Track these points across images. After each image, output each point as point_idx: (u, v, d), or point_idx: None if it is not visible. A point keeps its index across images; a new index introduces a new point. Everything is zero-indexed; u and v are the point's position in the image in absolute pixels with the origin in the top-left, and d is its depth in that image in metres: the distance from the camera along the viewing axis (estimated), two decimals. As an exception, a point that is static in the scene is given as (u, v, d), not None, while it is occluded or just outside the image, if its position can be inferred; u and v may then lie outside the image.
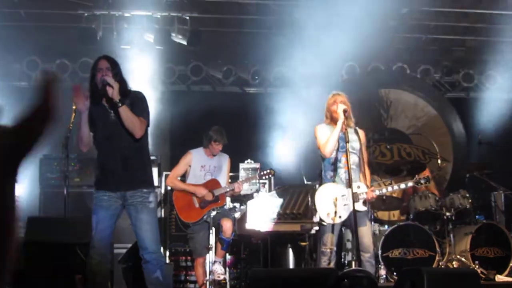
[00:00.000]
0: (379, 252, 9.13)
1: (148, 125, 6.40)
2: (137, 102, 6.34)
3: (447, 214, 9.52)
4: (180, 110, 12.04)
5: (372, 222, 9.67)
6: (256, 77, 12.53)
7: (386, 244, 9.23)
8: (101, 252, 6.24)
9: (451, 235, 9.47)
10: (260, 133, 11.68)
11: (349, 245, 9.29)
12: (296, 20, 10.88)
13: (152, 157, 10.36)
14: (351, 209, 7.25)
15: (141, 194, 6.30)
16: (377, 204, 9.87)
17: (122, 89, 6.17)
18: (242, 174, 10.31)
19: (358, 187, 7.38)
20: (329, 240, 7.39)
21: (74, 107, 8.61)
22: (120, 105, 6.09)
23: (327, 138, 7.48)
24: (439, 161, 10.74)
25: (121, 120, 6.15)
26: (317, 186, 7.99)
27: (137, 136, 6.25)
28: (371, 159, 10.39)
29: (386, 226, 9.83)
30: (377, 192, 7.69)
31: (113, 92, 6.07)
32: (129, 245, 7.96)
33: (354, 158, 7.38)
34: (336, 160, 7.52)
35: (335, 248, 7.47)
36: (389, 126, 12.62)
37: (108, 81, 6.08)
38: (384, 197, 9.81)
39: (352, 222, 7.27)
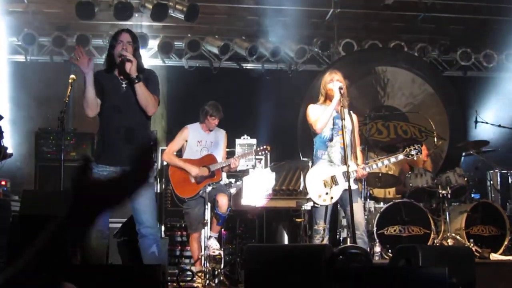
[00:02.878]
0: (375, 229, 9.12)
1: (158, 104, 6.42)
2: (151, 79, 6.33)
3: (443, 192, 9.52)
4: (176, 85, 12.00)
5: (368, 200, 9.67)
6: (253, 53, 12.46)
7: (382, 222, 9.21)
8: (99, 228, 6.22)
9: (447, 213, 9.46)
10: (257, 108, 11.63)
11: (344, 222, 9.29)
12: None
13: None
14: (343, 188, 7.22)
15: None
16: (373, 181, 9.85)
17: (138, 65, 6.14)
18: (238, 150, 10.28)
19: (348, 166, 7.29)
20: (322, 219, 7.36)
21: (70, 81, 8.62)
22: (137, 81, 6.08)
23: (321, 114, 7.40)
24: (435, 139, 10.72)
25: (134, 94, 6.14)
26: (310, 163, 7.95)
27: (150, 113, 6.31)
28: (367, 137, 10.35)
29: (381, 204, 9.82)
30: (368, 169, 7.61)
31: (132, 67, 6.05)
32: (124, 220, 7.94)
33: (346, 138, 7.29)
34: (328, 139, 7.44)
35: (328, 226, 7.44)
36: (386, 103, 12.59)
37: (128, 56, 6.06)
38: (380, 175, 9.78)
39: (344, 200, 7.24)
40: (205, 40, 12.34)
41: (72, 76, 8.72)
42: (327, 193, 7.20)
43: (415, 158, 7.93)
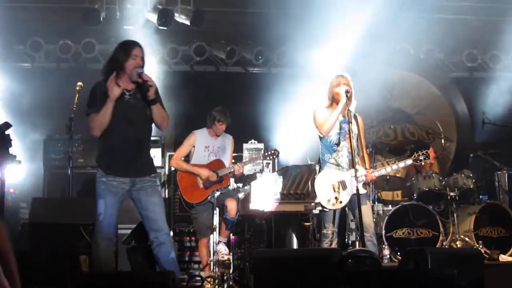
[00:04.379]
0: (383, 232, 9.13)
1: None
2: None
3: (451, 194, 9.52)
4: (183, 90, 12.00)
5: (376, 202, 9.67)
6: (260, 57, 12.47)
7: (390, 224, 9.22)
8: (109, 237, 6.26)
9: (455, 215, 9.47)
10: (264, 113, 11.64)
11: (352, 225, 9.27)
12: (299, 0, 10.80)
13: (156, 138, 10.40)
14: (351, 192, 7.23)
15: (149, 179, 6.37)
16: (381, 184, 9.86)
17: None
18: (246, 154, 10.30)
19: (357, 170, 7.29)
20: (330, 223, 7.37)
21: (77, 88, 8.65)
22: (155, 103, 6.20)
23: (327, 117, 7.41)
24: (442, 141, 10.72)
25: (140, 106, 6.23)
26: (317, 167, 7.96)
27: (163, 129, 6.58)
28: (375, 140, 10.36)
29: (389, 206, 9.80)
30: (376, 173, 7.63)
31: (152, 90, 6.14)
32: (133, 226, 7.96)
33: (353, 142, 7.28)
34: (335, 143, 7.45)
35: (336, 230, 7.45)
36: (393, 106, 12.59)
37: (150, 82, 6.14)
38: (387, 177, 9.79)
39: (353, 203, 7.25)
40: (212, 45, 12.34)
41: (79, 83, 8.77)
42: (336, 197, 7.21)
43: (423, 164, 7.94)
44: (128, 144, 6.23)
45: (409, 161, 7.77)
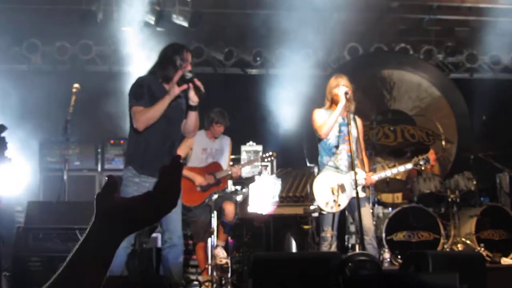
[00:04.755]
0: (383, 235, 9.07)
1: None
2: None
3: (452, 196, 9.48)
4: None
5: (376, 205, 9.63)
6: (258, 59, 12.45)
7: (390, 227, 9.16)
8: (129, 239, 6.17)
9: (456, 218, 9.43)
10: (262, 115, 11.60)
11: (352, 228, 9.25)
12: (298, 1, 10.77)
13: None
14: (351, 195, 7.19)
15: None
16: (381, 186, 9.81)
17: None
18: (244, 156, 10.25)
19: (356, 173, 7.23)
20: (329, 226, 7.32)
21: (74, 90, 8.59)
22: (196, 109, 6.28)
23: (326, 119, 7.36)
24: (443, 143, 10.70)
25: (179, 110, 6.26)
26: (316, 170, 7.92)
27: (191, 136, 7.00)
28: (374, 141, 10.30)
29: (390, 209, 9.76)
30: (376, 177, 7.59)
31: (199, 96, 6.21)
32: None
33: (352, 145, 7.23)
34: (334, 146, 7.41)
35: (335, 233, 7.40)
36: (392, 107, 12.56)
37: (203, 91, 6.17)
38: (387, 180, 9.73)
39: (352, 206, 7.21)
40: (210, 46, 12.32)
41: (76, 85, 8.70)
42: (334, 200, 7.17)
43: (423, 168, 7.90)
44: (165, 144, 6.17)
45: (409, 165, 7.74)
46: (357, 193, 6.90)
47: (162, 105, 5.98)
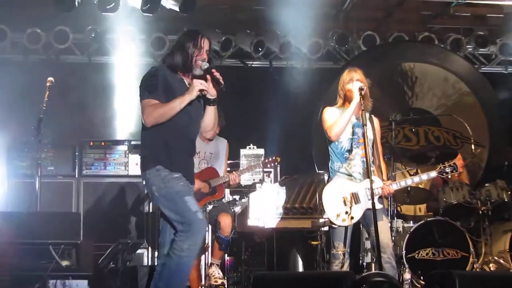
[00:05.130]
0: (403, 253, 9.09)
1: None
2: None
3: (483, 208, 9.48)
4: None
5: (395, 218, 9.61)
6: (260, 49, 12.45)
7: (412, 244, 9.17)
8: None
9: (488, 233, 9.43)
10: (264, 113, 11.61)
11: (367, 244, 9.24)
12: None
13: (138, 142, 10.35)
14: (365, 207, 7.16)
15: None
16: (401, 197, 9.80)
17: None
18: (243, 161, 10.26)
19: (373, 181, 7.17)
20: (341, 242, 7.31)
21: (48, 84, 8.60)
22: (216, 103, 6.27)
23: (337, 118, 7.34)
24: (472, 147, 10.70)
25: (198, 106, 6.26)
26: (325, 177, 7.91)
27: (209, 136, 7.56)
28: (393, 144, 10.31)
29: (411, 223, 9.77)
30: (395, 186, 7.55)
31: (214, 89, 6.21)
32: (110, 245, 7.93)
33: (368, 149, 7.21)
34: (346, 150, 7.39)
35: (348, 250, 7.38)
36: (414, 105, 12.57)
37: (221, 80, 6.17)
38: (409, 189, 9.73)
39: (367, 219, 7.18)
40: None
41: (50, 78, 8.70)
42: (347, 212, 7.14)
43: (449, 176, 7.89)
44: (186, 140, 6.21)
45: (433, 173, 7.70)
46: (373, 204, 6.89)
47: (180, 104, 5.95)
